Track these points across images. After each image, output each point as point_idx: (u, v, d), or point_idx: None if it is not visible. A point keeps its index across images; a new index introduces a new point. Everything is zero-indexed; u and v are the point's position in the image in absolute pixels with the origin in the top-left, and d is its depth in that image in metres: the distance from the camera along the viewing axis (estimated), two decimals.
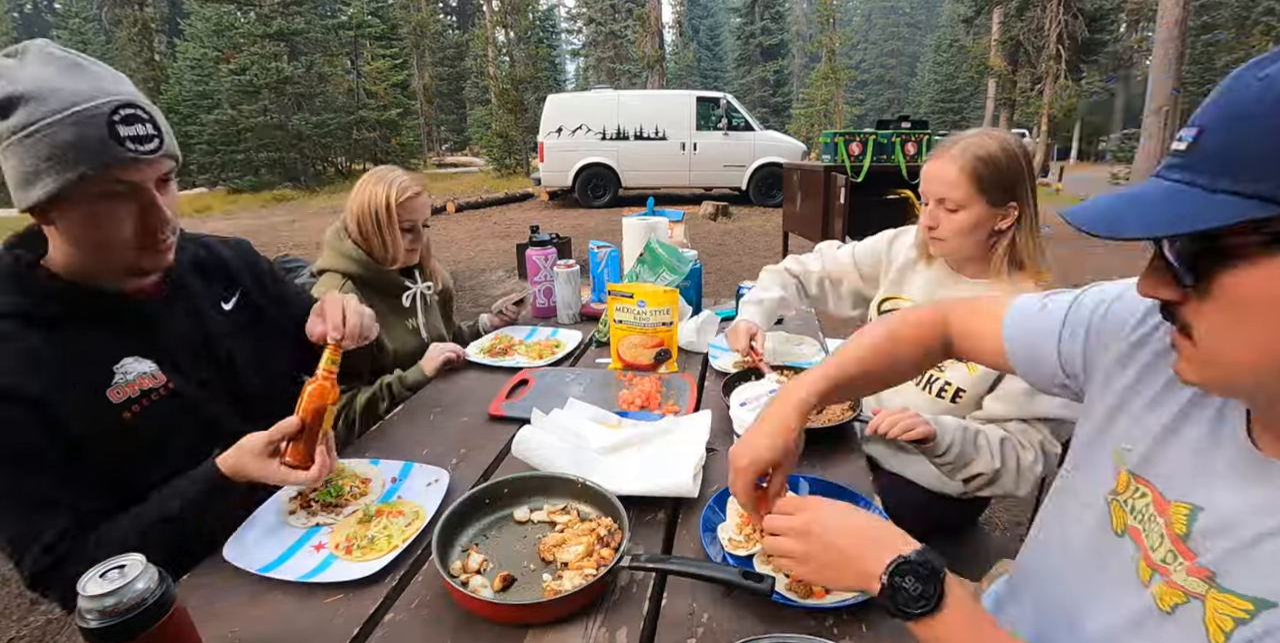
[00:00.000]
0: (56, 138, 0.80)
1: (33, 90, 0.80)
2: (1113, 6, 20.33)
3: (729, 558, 0.89)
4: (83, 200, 0.84)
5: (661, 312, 1.53)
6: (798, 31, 38.51)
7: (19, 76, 0.81)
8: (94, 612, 0.61)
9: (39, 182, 0.81)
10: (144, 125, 0.85)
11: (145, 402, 0.96)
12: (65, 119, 0.80)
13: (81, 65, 0.84)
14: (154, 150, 0.86)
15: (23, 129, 0.80)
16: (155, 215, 0.90)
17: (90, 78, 0.83)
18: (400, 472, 1.12)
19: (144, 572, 0.64)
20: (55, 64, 0.82)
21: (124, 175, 0.85)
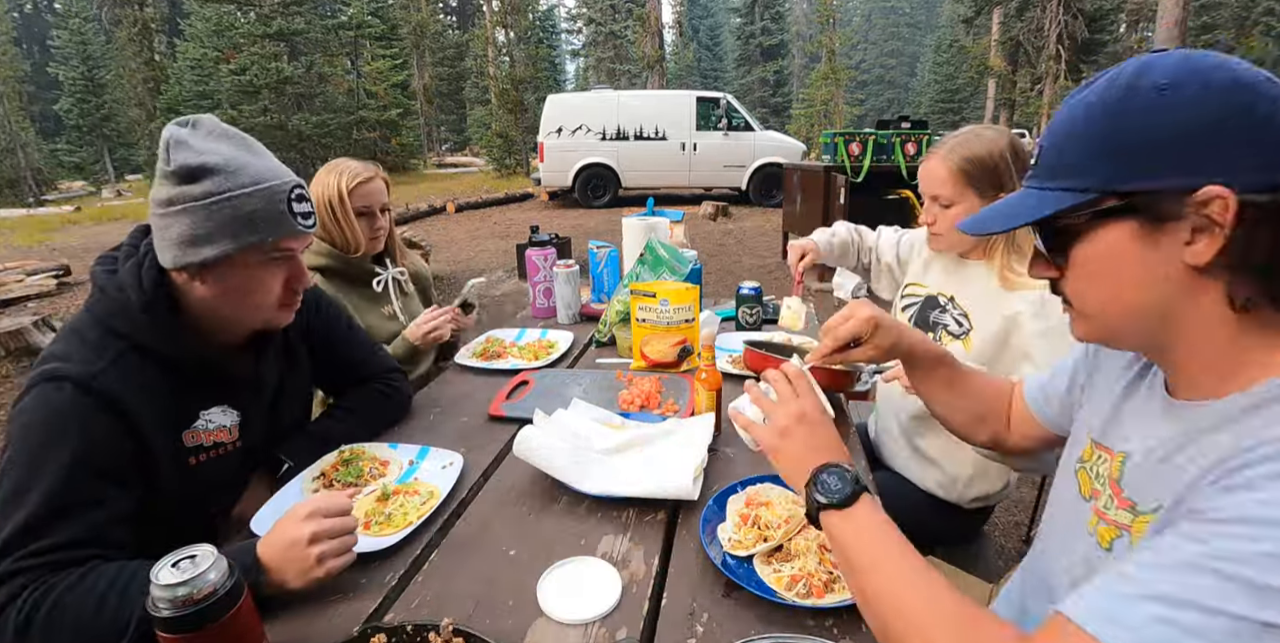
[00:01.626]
0: (243, 207, 0.90)
1: (222, 163, 0.89)
2: (1113, 7, 20.32)
3: (728, 558, 0.89)
4: (249, 262, 0.95)
5: (684, 309, 1.55)
6: (798, 31, 38.49)
7: (205, 148, 0.90)
8: (166, 601, 0.63)
9: (215, 242, 0.90)
10: (308, 204, 0.99)
11: (214, 454, 1.02)
12: (256, 192, 0.91)
13: (254, 146, 0.96)
14: (312, 225, 1.00)
15: (210, 196, 0.89)
16: (300, 279, 1.03)
17: (266, 158, 0.96)
18: (418, 455, 1.18)
19: (215, 562, 0.65)
20: (231, 141, 0.93)
21: (287, 244, 0.97)
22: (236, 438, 1.04)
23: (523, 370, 1.60)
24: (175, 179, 0.89)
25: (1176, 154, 0.55)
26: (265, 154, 0.97)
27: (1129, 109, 0.56)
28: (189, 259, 0.91)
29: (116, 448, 0.88)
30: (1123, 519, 0.66)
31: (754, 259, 7.18)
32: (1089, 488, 0.74)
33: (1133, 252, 0.58)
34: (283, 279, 1.00)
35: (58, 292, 6.39)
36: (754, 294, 1.86)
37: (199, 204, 0.89)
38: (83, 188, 23.11)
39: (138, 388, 0.91)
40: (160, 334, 0.94)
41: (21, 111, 23.90)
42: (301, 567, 0.79)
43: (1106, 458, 0.72)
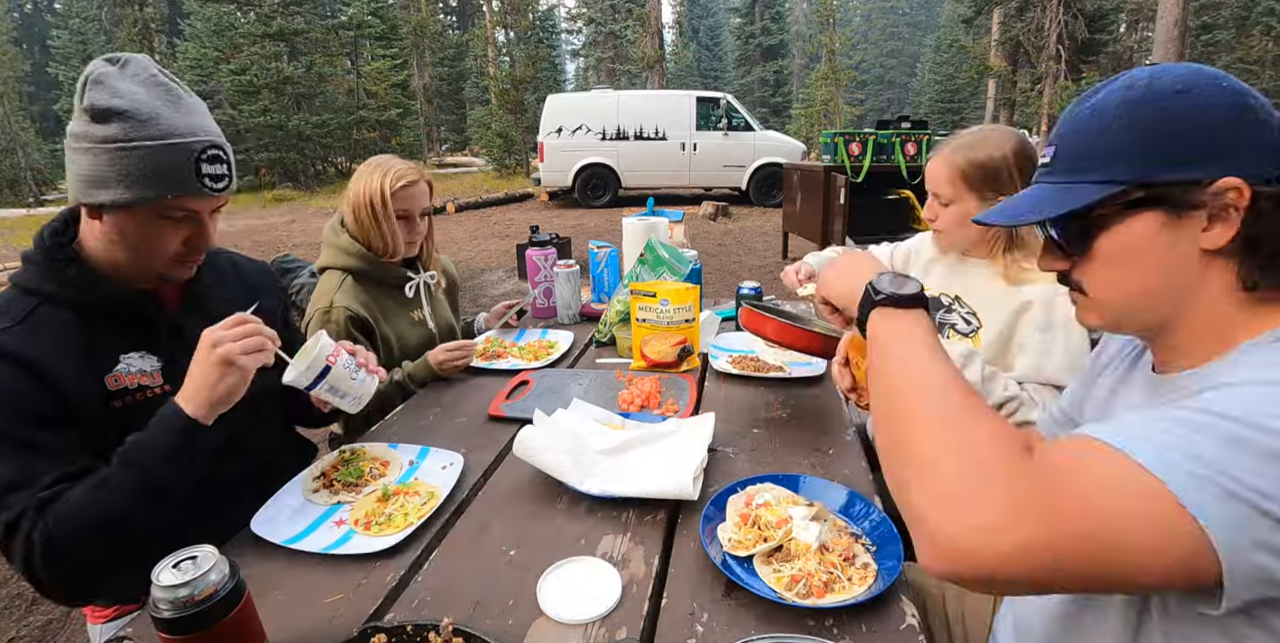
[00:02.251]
0: (148, 160, 0.88)
1: (135, 109, 0.87)
2: (1113, 7, 20.31)
3: (728, 558, 0.89)
4: (145, 214, 0.93)
5: (684, 309, 1.56)
6: (798, 31, 38.47)
7: (121, 90, 0.88)
8: (167, 602, 0.63)
9: (111, 187, 0.89)
10: (222, 165, 0.96)
11: (139, 397, 1.00)
12: (161, 147, 0.89)
13: (181, 97, 0.93)
14: (223, 188, 0.97)
15: (115, 141, 0.87)
16: (201, 240, 1.01)
17: (186, 111, 0.92)
18: (418, 455, 1.19)
19: (216, 563, 0.65)
20: (157, 89, 0.91)
21: (190, 205, 0.95)
22: (163, 382, 1.02)
23: (523, 370, 1.60)
24: (86, 117, 0.88)
25: (1199, 149, 0.60)
26: (193, 109, 0.94)
27: (1154, 109, 0.62)
28: (86, 198, 0.91)
29: (41, 397, 0.90)
30: None
31: (754, 259, 7.18)
32: None
33: (1158, 239, 0.63)
34: (182, 237, 0.98)
35: None
36: (754, 294, 1.86)
37: (101, 147, 0.87)
38: None
39: (49, 341, 0.92)
40: (60, 278, 0.95)
41: (21, 111, 23.86)
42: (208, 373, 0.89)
43: None
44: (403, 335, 1.69)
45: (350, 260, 1.62)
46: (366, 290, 1.62)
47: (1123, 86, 0.64)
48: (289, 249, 8.05)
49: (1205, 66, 0.64)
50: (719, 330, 1.87)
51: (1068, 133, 0.67)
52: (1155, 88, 0.62)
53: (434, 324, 1.80)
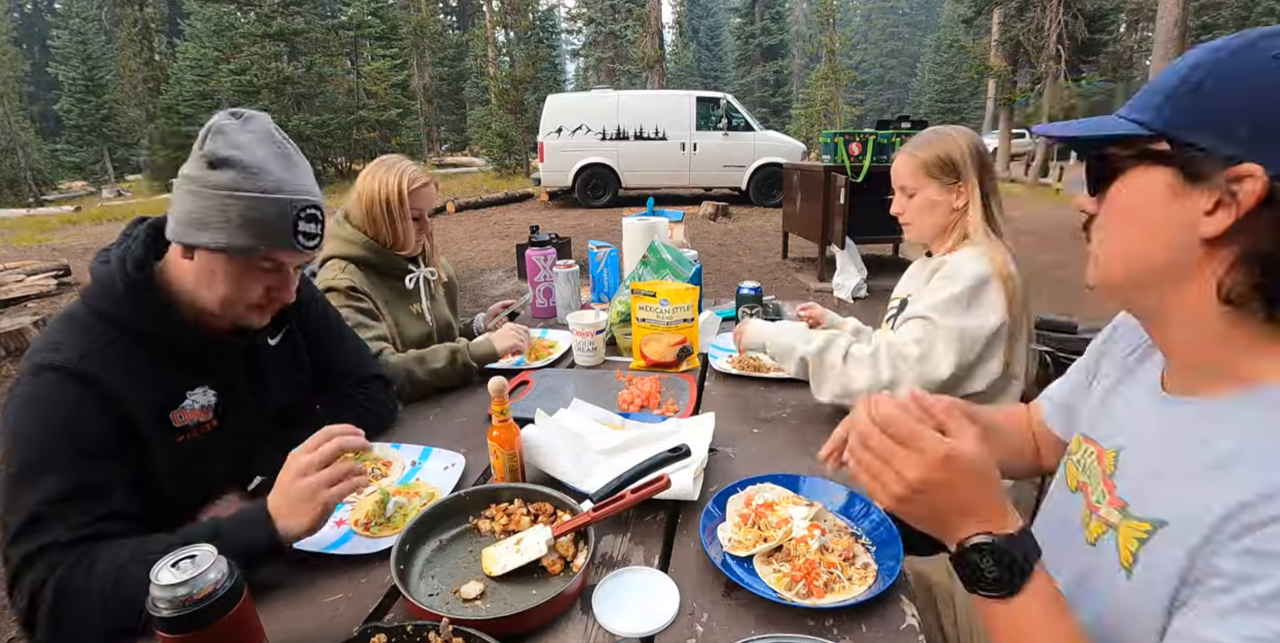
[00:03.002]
0: (251, 211, 0.92)
1: (250, 162, 0.92)
2: (1113, 7, 20.31)
3: (728, 558, 0.89)
4: (237, 261, 0.96)
5: (683, 308, 1.56)
6: (798, 31, 38.49)
7: (241, 143, 0.93)
8: (166, 601, 0.63)
9: (212, 231, 0.93)
10: (317, 226, 1.00)
11: (195, 433, 1.02)
12: (267, 200, 0.93)
13: (291, 156, 0.98)
14: (314, 246, 1.01)
15: (225, 188, 0.91)
16: (283, 292, 1.04)
17: (296, 172, 0.97)
18: (420, 455, 1.20)
19: (215, 563, 0.65)
20: (273, 147, 0.96)
21: (281, 258, 0.99)
22: (212, 418, 1.04)
23: (523, 370, 1.60)
24: (203, 162, 0.92)
25: (1240, 124, 0.55)
26: (300, 168, 0.99)
27: (1231, 65, 0.56)
28: (185, 238, 0.94)
29: (107, 430, 0.90)
30: (1111, 518, 0.66)
31: (754, 259, 7.19)
32: (1074, 481, 0.75)
33: (1160, 201, 0.59)
34: (265, 287, 1.01)
35: (58, 292, 6.39)
36: (754, 294, 1.86)
37: (212, 192, 0.92)
38: (83, 188, 23.11)
39: (125, 371, 0.92)
40: (143, 313, 0.95)
41: (21, 111, 23.89)
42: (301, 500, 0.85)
43: (1094, 451, 0.73)
44: (403, 326, 1.72)
45: (354, 249, 1.66)
46: (369, 277, 1.68)
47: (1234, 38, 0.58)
48: None
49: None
50: (719, 330, 1.87)
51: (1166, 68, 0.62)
52: (1258, 45, 0.56)
53: (432, 319, 1.83)
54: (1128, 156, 0.62)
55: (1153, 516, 0.61)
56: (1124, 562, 0.62)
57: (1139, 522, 0.62)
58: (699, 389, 1.49)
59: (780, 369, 1.54)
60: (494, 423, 1.04)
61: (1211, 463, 0.57)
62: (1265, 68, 0.54)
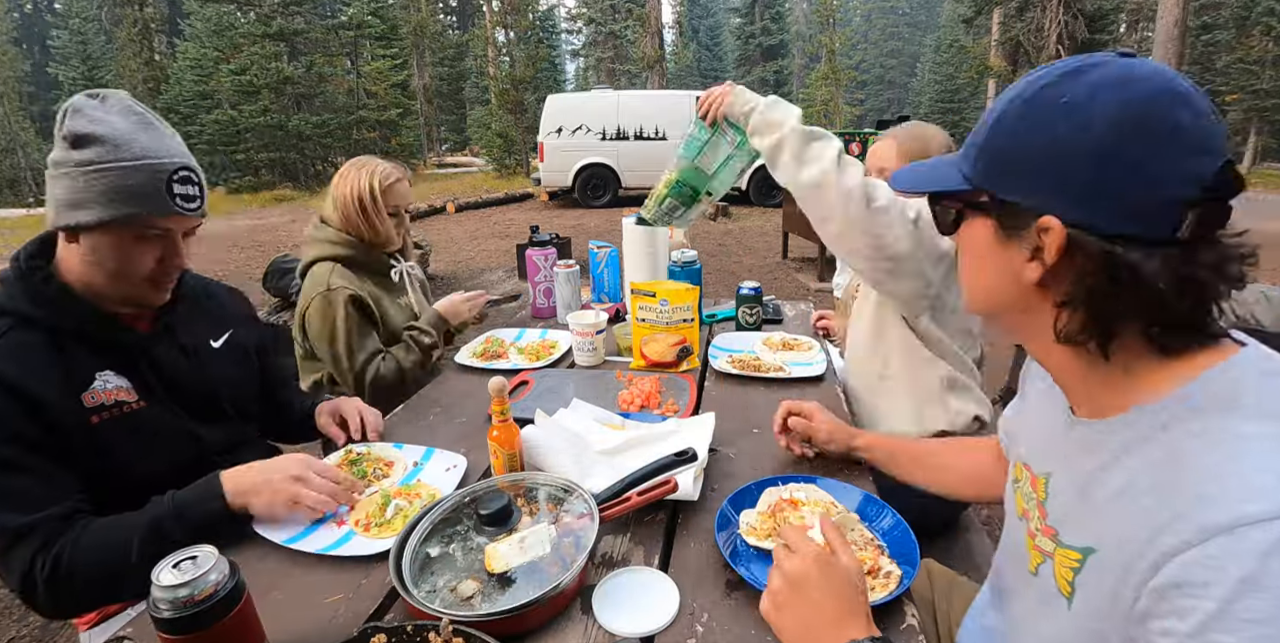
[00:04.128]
0: (122, 180, 0.93)
1: (110, 134, 0.92)
2: (1113, 7, 20.29)
3: (741, 541, 0.91)
4: (121, 234, 0.97)
5: (683, 308, 1.56)
6: (798, 31, 38.47)
7: (99, 118, 0.93)
8: (167, 602, 0.63)
9: (87, 208, 0.93)
10: (193, 187, 1.00)
11: (116, 412, 1.01)
12: (134, 167, 0.93)
13: (153, 124, 0.98)
14: (194, 209, 1.01)
15: (91, 164, 0.92)
16: (173, 260, 1.03)
17: (161, 137, 0.97)
18: (422, 456, 1.20)
19: (216, 563, 0.65)
20: (133, 117, 0.96)
21: (162, 223, 0.99)
22: (138, 398, 1.04)
23: (523, 370, 1.60)
24: (64, 144, 0.93)
25: (1039, 174, 0.56)
26: (163, 134, 0.98)
27: (1027, 113, 0.57)
28: (64, 221, 0.95)
29: (22, 419, 0.91)
30: (1046, 547, 0.65)
31: (754, 259, 7.19)
32: (1021, 507, 0.74)
33: (991, 248, 0.62)
34: (155, 257, 1.01)
35: None
36: (754, 294, 1.86)
37: (78, 170, 0.92)
38: None
39: (22, 358, 0.94)
40: (37, 300, 0.97)
41: (21, 111, 23.89)
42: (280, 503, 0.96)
43: (1028, 476, 0.73)
44: (392, 319, 1.75)
45: (338, 249, 1.69)
46: (355, 274, 1.70)
47: (1041, 74, 0.58)
48: (289, 249, 8.05)
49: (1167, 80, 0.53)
50: (718, 330, 1.87)
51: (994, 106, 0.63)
52: (1047, 91, 0.55)
53: (419, 312, 1.87)
54: (961, 208, 0.65)
55: (1081, 543, 0.60)
56: (1063, 590, 0.61)
57: (1069, 549, 0.61)
58: (699, 389, 1.49)
59: (780, 369, 1.55)
60: (494, 423, 1.04)
61: (1117, 489, 0.57)
62: (1050, 116, 0.55)
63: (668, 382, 1.48)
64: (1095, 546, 0.58)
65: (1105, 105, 0.52)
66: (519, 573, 0.81)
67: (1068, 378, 0.64)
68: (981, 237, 0.63)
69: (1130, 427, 0.58)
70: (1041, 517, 0.67)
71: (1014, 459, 0.78)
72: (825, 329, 1.87)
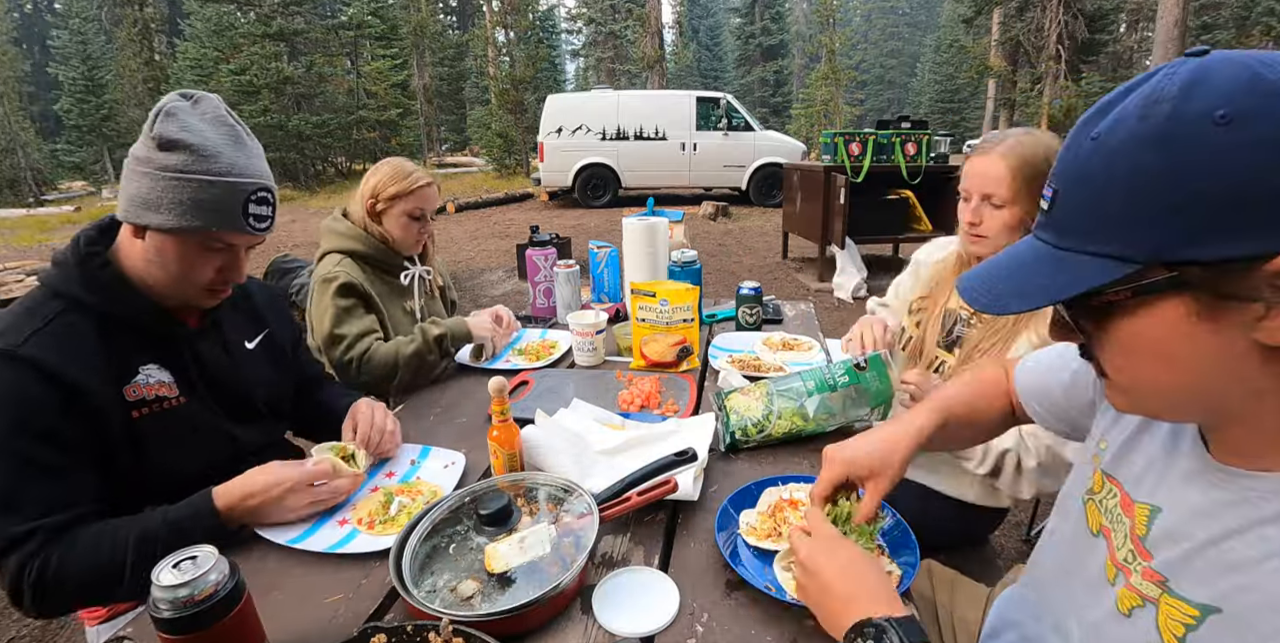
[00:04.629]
0: (201, 192, 0.94)
1: (200, 144, 0.93)
2: (1113, 7, 20.31)
3: (741, 541, 0.91)
4: (188, 242, 0.98)
5: (683, 309, 1.56)
6: (798, 31, 38.46)
7: (191, 125, 0.94)
8: (167, 602, 0.63)
9: (161, 212, 0.94)
10: (268, 208, 1.02)
11: (156, 407, 1.01)
12: (219, 182, 0.94)
13: (242, 139, 0.99)
14: (264, 228, 1.02)
15: (176, 170, 0.92)
16: (233, 272, 1.05)
17: (248, 155, 0.98)
18: (419, 454, 1.20)
19: (216, 564, 0.65)
20: (224, 129, 0.97)
21: (231, 240, 1.01)
22: (178, 394, 1.04)
23: (523, 371, 1.60)
24: (153, 144, 0.93)
25: (1245, 213, 0.42)
26: (251, 151, 0.99)
27: (1181, 151, 0.43)
28: (134, 218, 0.96)
29: (52, 407, 0.90)
30: (1149, 592, 0.58)
31: (754, 259, 7.18)
32: (1097, 523, 0.68)
33: (1188, 333, 0.48)
34: (216, 267, 1.02)
35: None
36: (754, 294, 1.86)
37: (162, 174, 0.92)
38: (83, 188, 23.07)
39: (69, 345, 0.93)
40: (91, 285, 0.97)
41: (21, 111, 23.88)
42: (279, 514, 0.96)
43: (1118, 495, 0.66)
44: (396, 322, 1.73)
45: (351, 243, 1.68)
46: (364, 271, 1.69)
47: (1140, 105, 0.45)
48: (289, 249, 8.05)
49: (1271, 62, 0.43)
50: (719, 330, 1.87)
51: (1068, 170, 0.50)
52: (1186, 113, 0.43)
53: (417, 324, 1.80)
54: (1121, 300, 0.49)
55: (1202, 601, 0.53)
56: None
57: (1184, 603, 0.54)
58: (699, 389, 1.49)
59: (780, 370, 1.54)
60: (494, 423, 1.04)
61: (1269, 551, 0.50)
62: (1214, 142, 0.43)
63: (668, 382, 1.48)
64: (1220, 606, 0.52)
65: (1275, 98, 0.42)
66: (519, 573, 0.81)
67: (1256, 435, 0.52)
68: (1167, 323, 0.48)
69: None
70: (1140, 554, 0.60)
71: (1093, 466, 0.70)
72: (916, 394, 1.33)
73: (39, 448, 0.89)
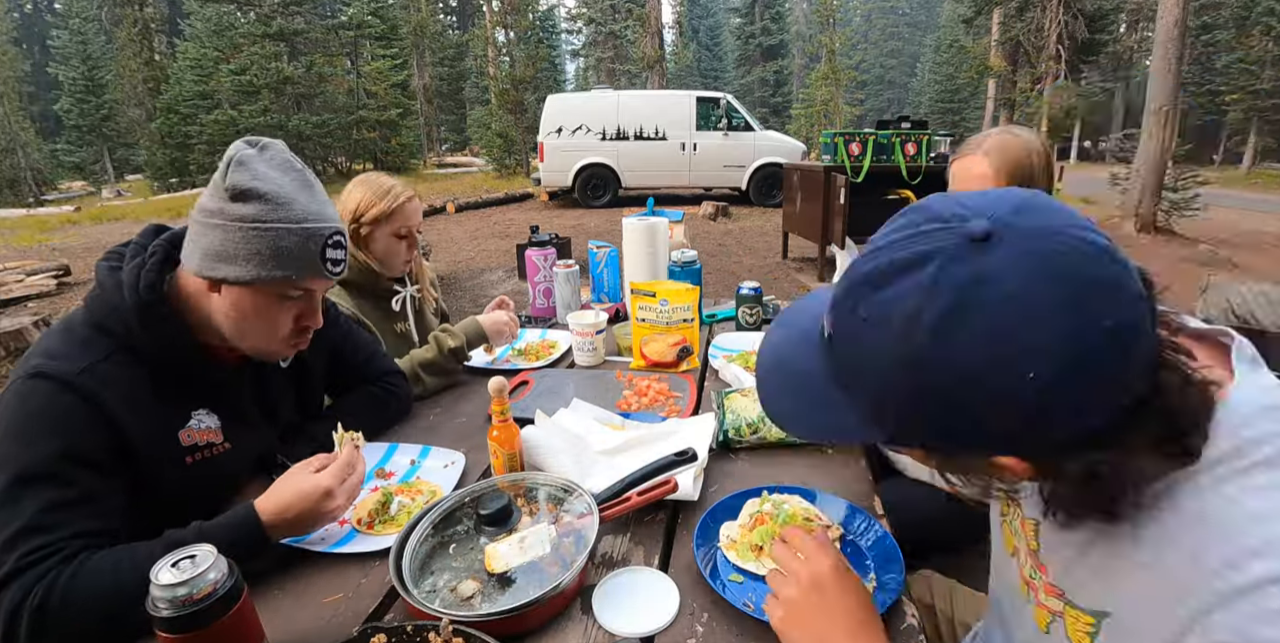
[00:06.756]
0: (281, 241, 0.90)
1: (273, 193, 0.90)
2: (1113, 7, 20.32)
3: (721, 555, 0.89)
4: (267, 293, 0.95)
5: (683, 309, 1.55)
6: (798, 31, 38.48)
7: (261, 173, 0.90)
8: (166, 601, 0.63)
9: (238, 264, 0.90)
10: (342, 251, 0.99)
11: (208, 453, 1.00)
12: (296, 229, 0.91)
13: (312, 184, 0.96)
14: (339, 272, 1.00)
15: (253, 220, 0.89)
16: (311, 319, 1.02)
17: (319, 200, 0.96)
18: (419, 454, 1.20)
19: (215, 562, 0.65)
20: (293, 174, 0.94)
21: (309, 286, 0.98)
22: (224, 440, 1.03)
23: (523, 371, 1.60)
24: (225, 195, 0.90)
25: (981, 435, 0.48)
26: (319, 195, 0.97)
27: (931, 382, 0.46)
28: (210, 273, 0.91)
29: (99, 441, 0.87)
30: (1054, 606, 0.62)
31: (754, 259, 7.18)
32: (1011, 544, 0.71)
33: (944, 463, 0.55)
34: (294, 316, 1.00)
35: (58, 292, 6.39)
36: (754, 294, 1.86)
37: (237, 225, 0.89)
38: (83, 188, 23.11)
39: (123, 387, 0.90)
40: (150, 338, 0.93)
41: (21, 111, 23.89)
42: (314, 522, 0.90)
43: (1020, 513, 0.69)
44: (389, 346, 1.67)
45: None
46: (353, 298, 1.63)
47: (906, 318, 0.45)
48: None
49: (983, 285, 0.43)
50: (718, 331, 1.87)
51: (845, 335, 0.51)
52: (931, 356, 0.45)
53: (416, 337, 1.79)
54: None
55: (1092, 607, 0.57)
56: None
57: (1080, 612, 0.58)
58: (699, 389, 1.49)
59: None
60: (494, 423, 1.04)
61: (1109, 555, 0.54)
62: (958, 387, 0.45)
63: (668, 382, 1.48)
64: (1107, 609, 0.55)
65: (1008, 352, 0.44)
66: (519, 573, 0.81)
67: None
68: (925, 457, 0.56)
69: None
70: (1040, 572, 0.63)
71: None
72: None
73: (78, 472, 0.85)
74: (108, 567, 0.80)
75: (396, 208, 1.61)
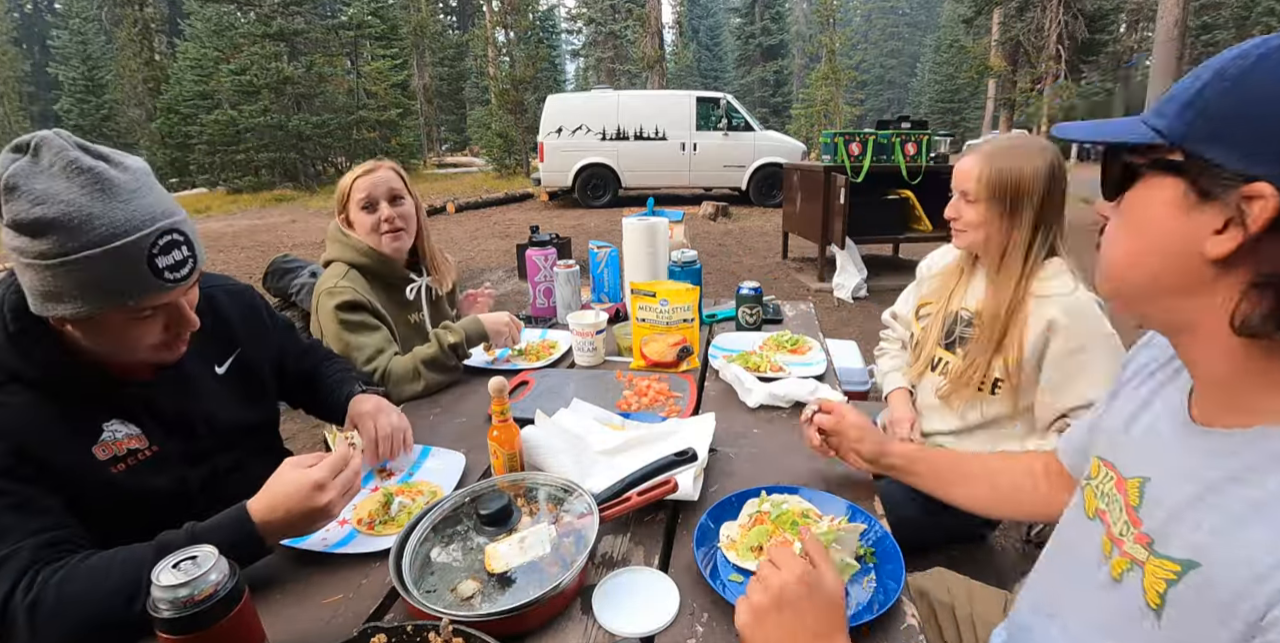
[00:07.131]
0: (92, 271, 0.78)
1: (63, 216, 0.76)
2: (1113, 7, 20.30)
3: (721, 555, 0.89)
4: (111, 318, 0.84)
5: (683, 309, 1.55)
6: (798, 31, 38.48)
7: (40, 193, 0.76)
8: (167, 602, 0.63)
9: (67, 302, 0.81)
10: (180, 250, 0.85)
11: (132, 460, 0.95)
12: (104, 254, 0.78)
13: (108, 181, 0.79)
14: (188, 274, 0.87)
15: (52, 257, 0.77)
16: (181, 324, 0.92)
17: (121, 198, 0.80)
18: (420, 454, 1.20)
19: (216, 563, 0.65)
20: (80, 178, 0.78)
21: (155, 303, 0.86)
22: (150, 444, 0.97)
23: (523, 371, 1.60)
24: (13, 232, 0.78)
25: (1259, 140, 0.50)
26: (124, 190, 0.81)
27: (1255, 74, 0.51)
28: (47, 313, 0.83)
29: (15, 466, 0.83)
30: (1137, 554, 0.61)
31: (754, 259, 7.18)
32: (1093, 507, 0.71)
33: (1169, 214, 0.56)
34: (159, 328, 0.90)
35: None
36: (754, 294, 1.86)
37: (42, 263, 0.78)
38: None
39: (21, 417, 0.85)
40: (28, 365, 0.87)
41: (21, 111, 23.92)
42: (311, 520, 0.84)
43: (1113, 477, 0.69)
44: (401, 337, 1.68)
45: (356, 256, 1.63)
46: (369, 284, 1.64)
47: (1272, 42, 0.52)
48: (289, 249, 8.05)
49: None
50: (719, 331, 1.87)
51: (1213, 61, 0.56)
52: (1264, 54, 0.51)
53: (431, 330, 1.79)
54: (1143, 165, 0.58)
55: (1183, 556, 0.56)
56: (1151, 602, 0.58)
57: (1166, 561, 0.58)
58: (699, 389, 1.49)
59: (780, 369, 1.54)
60: (494, 423, 1.04)
61: (1247, 505, 0.53)
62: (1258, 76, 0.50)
63: (668, 382, 1.48)
64: (1199, 560, 0.55)
65: None
66: (519, 573, 0.81)
67: (1222, 376, 0.58)
68: (1160, 200, 0.56)
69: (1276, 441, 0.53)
70: (1133, 523, 0.63)
71: (1090, 454, 0.75)
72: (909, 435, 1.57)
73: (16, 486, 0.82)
74: (101, 568, 0.79)
75: (354, 181, 1.63)
